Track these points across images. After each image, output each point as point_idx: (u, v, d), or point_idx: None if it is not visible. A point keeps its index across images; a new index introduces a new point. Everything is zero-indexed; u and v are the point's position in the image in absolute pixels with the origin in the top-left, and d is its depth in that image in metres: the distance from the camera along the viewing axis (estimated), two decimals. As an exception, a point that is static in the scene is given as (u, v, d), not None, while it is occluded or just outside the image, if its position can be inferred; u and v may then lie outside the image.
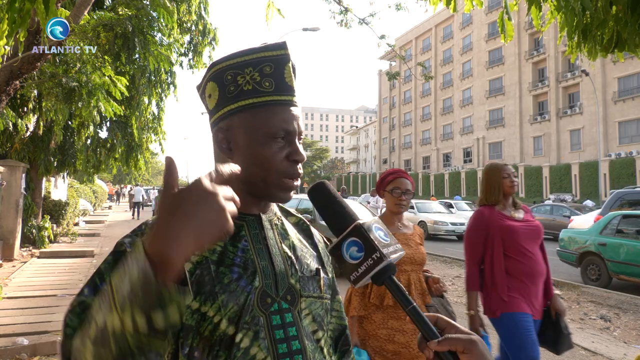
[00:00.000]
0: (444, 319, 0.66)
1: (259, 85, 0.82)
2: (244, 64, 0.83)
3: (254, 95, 0.82)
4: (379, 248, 0.66)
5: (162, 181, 0.58)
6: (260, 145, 0.82)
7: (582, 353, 4.85)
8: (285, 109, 0.83)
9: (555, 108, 40.03)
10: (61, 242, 11.75)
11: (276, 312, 0.80)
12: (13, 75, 4.92)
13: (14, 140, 8.80)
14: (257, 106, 0.82)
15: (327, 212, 0.76)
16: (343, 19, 8.47)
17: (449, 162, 52.97)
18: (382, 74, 66.90)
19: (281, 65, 0.84)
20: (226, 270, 0.78)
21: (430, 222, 16.45)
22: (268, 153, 0.81)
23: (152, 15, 7.48)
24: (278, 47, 0.85)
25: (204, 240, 0.56)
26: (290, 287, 0.83)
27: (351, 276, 0.67)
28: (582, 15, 2.73)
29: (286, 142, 0.83)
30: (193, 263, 0.77)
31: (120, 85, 6.44)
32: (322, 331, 0.87)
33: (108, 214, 24.89)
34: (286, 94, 0.84)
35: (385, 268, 0.66)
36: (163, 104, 10.59)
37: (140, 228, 0.81)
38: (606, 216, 8.71)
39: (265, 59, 0.83)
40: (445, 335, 0.63)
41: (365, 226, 0.69)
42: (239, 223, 0.84)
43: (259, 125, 0.82)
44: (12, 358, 3.99)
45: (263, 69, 0.83)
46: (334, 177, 72.73)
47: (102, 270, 0.74)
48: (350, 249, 0.68)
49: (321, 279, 0.90)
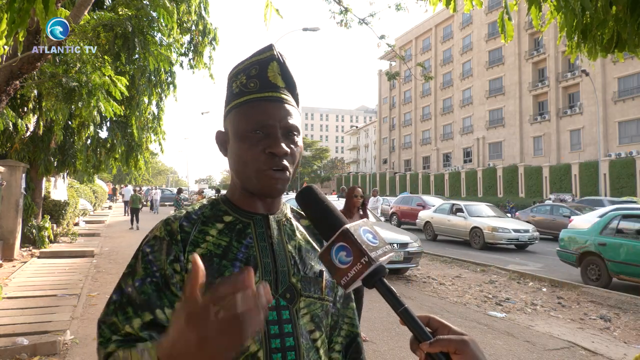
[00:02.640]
0: (436, 320, 0.66)
1: (245, 87, 0.87)
2: (239, 72, 0.89)
3: (240, 96, 0.87)
4: (367, 252, 0.66)
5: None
6: (240, 141, 0.85)
7: (582, 353, 4.85)
8: (266, 104, 0.86)
9: (555, 108, 40.01)
10: (61, 242, 11.75)
11: (273, 308, 0.82)
12: (13, 75, 4.91)
13: (14, 140, 8.80)
14: (241, 105, 0.87)
15: (316, 216, 0.76)
16: (343, 19, 8.47)
17: (449, 162, 52.94)
18: (382, 74, 66.86)
19: (264, 66, 0.88)
20: (228, 264, 0.82)
21: (487, 229, 13.70)
22: (245, 147, 0.84)
23: (152, 15, 7.48)
24: (264, 50, 0.90)
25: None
26: (290, 285, 0.85)
27: (341, 281, 0.67)
28: (582, 16, 2.73)
29: (264, 135, 0.84)
30: (198, 255, 0.79)
31: (120, 85, 6.43)
32: (319, 332, 0.88)
33: (108, 214, 24.88)
34: (269, 91, 0.87)
35: (374, 271, 0.66)
36: (163, 104, 10.59)
37: (156, 225, 0.87)
38: (606, 216, 8.70)
39: (253, 62, 0.89)
40: (437, 337, 0.63)
41: (352, 230, 0.68)
42: (246, 221, 0.89)
43: (240, 122, 0.86)
44: (12, 358, 3.99)
45: (249, 72, 0.88)
46: (334, 177, 72.71)
47: (126, 275, 0.83)
48: (339, 254, 0.67)
49: (324, 281, 0.91)
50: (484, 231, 13.74)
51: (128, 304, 0.78)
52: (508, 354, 4.73)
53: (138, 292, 0.79)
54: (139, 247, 0.85)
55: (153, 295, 0.78)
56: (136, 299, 0.78)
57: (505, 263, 10.95)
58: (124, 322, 0.77)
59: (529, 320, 6.08)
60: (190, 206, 0.92)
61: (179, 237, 0.83)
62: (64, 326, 4.76)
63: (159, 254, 0.82)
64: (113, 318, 0.77)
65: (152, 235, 0.85)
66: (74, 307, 5.61)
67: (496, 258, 12.04)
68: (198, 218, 0.87)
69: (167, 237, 0.83)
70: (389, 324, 5.58)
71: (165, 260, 0.81)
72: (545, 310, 6.66)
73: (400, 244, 8.23)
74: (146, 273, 0.80)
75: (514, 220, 15.46)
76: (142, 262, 0.82)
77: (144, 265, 0.81)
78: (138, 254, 0.84)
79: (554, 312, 6.61)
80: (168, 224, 0.85)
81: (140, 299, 0.78)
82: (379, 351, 4.66)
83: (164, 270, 0.80)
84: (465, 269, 10.12)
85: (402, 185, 53.74)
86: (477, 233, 14.08)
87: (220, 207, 0.91)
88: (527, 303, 7.08)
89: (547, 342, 5.18)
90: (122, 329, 0.76)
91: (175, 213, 0.89)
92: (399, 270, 8.84)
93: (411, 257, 8.39)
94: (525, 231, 13.67)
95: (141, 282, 0.80)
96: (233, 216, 0.89)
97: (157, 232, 0.85)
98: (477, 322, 5.89)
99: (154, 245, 0.83)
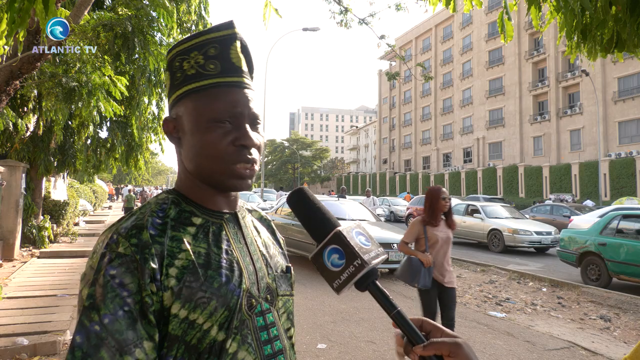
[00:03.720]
0: (429, 322, 0.66)
1: (203, 68, 0.77)
2: (190, 49, 0.79)
3: (198, 79, 0.77)
4: (359, 255, 0.65)
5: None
6: (204, 132, 0.76)
7: (582, 353, 4.85)
8: (232, 91, 0.77)
9: (555, 108, 40.01)
10: (61, 242, 11.75)
11: (259, 313, 0.78)
12: (13, 75, 4.92)
13: (14, 140, 8.80)
14: (200, 90, 0.77)
15: (307, 219, 0.74)
16: (343, 19, 8.47)
17: (449, 162, 52.95)
18: (382, 74, 66.86)
19: (227, 46, 0.79)
20: (215, 274, 0.73)
21: (507, 231, 13.05)
22: (211, 138, 0.75)
23: (152, 15, 7.48)
24: (224, 27, 0.80)
25: None
26: (267, 286, 0.81)
27: (334, 284, 0.66)
28: (582, 16, 2.73)
29: (233, 127, 0.77)
30: (179, 268, 0.70)
31: (120, 85, 6.44)
32: (293, 328, 0.88)
33: (108, 214, 24.88)
34: (233, 75, 0.78)
35: (367, 274, 0.66)
36: (163, 104, 10.59)
37: (113, 238, 0.70)
38: (606, 216, 8.70)
39: (210, 40, 0.78)
40: (431, 340, 0.63)
41: (345, 232, 0.67)
42: (218, 222, 0.80)
43: (202, 110, 0.76)
44: (12, 358, 3.99)
45: (207, 51, 0.78)
46: (334, 177, 72.71)
47: (87, 308, 0.65)
48: (331, 257, 0.66)
49: (292, 276, 0.90)
50: (504, 233, 13.11)
51: (98, 347, 0.62)
52: (508, 354, 4.73)
53: (109, 331, 0.63)
54: (98, 270, 0.67)
55: (129, 333, 0.64)
56: (108, 341, 0.63)
57: (505, 263, 10.95)
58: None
59: (529, 320, 6.08)
60: (145, 206, 0.77)
61: (153, 251, 0.69)
62: (64, 326, 4.76)
63: (131, 276, 0.66)
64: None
65: (114, 253, 0.68)
66: (74, 307, 5.60)
67: (496, 258, 12.04)
68: (164, 223, 0.74)
69: (137, 254, 0.67)
70: (389, 324, 5.58)
71: (139, 284, 0.66)
72: (545, 310, 6.66)
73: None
74: (115, 304, 0.64)
75: (534, 221, 14.77)
76: (108, 290, 0.65)
77: (111, 294, 0.65)
78: (98, 279, 0.66)
79: (554, 312, 6.61)
80: (132, 235, 0.69)
81: (114, 340, 0.63)
82: (379, 351, 4.66)
83: (139, 296, 0.66)
84: (465, 269, 10.12)
85: (402, 185, 53.75)
86: (496, 235, 13.47)
87: (184, 207, 0.78)
88: (527, 303, 7.08)
89: (547, 342, 5.19)
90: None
91: (132, 219, 0.73)
92: (399, 270, 8.83)
93: (411, 257, 8.37)
94: (547, 233, 13.05)
95: (111, 318, 0.64)
96: (202, 217, 0.78)
97: (120, 249, 0.68)
98: (477, 322, 5.89)
99: (120, 266, 0.66)
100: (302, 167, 72.99)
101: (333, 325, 5.48)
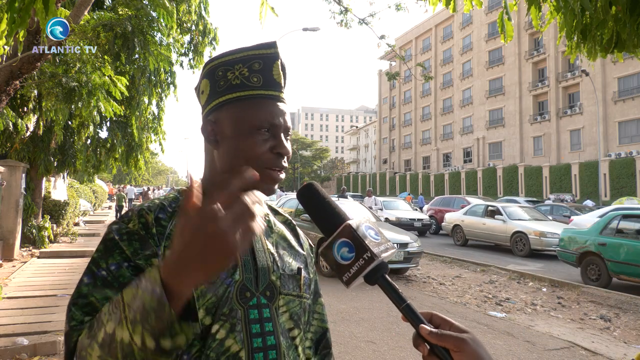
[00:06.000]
0: (439, 316, 0.66)
1: (247, 80, 0.84)
2: (235, 61, 0.86)
3: (242, 89, 0.84)
4: (369, 248, 0.65)
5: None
6: (245, 137, 0.82)
7: (582, 353, 4.86)
8: (272, 103, 0.85)
9: (555, 108, 40.02)
10: (61, 242, 11.75)
11: (254, 306, 0.81)
12: (13, 75, 4.92)
13: (14, 140, 8.80)
14: (244, 99, 0.84)
15: (317, 213, 0.75)
16: (343, 19, 8.48)
17: (449, 162, 52.95)
18: (382, 74, 66.87)
19: (270, 63, 0.86)
20: None
21: (534, 234, 12.21)
22: (251, 144, 0.82)
23: (152, 15, 7.48)
24: (268, 46, 0.87)
25: (212, 271, 0.56)
26: (270, 283, 0.84)
27: (343, 277, 0.66)
28: (582, 16, 2.73)
29: (271, 135, 0.84)
30: None
31: (120, 85, 6.44)
32: (298, 330, 0.88)
33: (108, 214, 24.88)
34: (273, 90, 0.86)
35: (376, 268, 0.66)
36: (163, 104, 10.60)
37: (127, 215, 0.81)
38: (606, 216, 8.71)
39: (255, 56, 0.86)
40: (438, 330, 0.63)
41: (355, 226, 0.68)
42: None
43: (245, 118, 0.83)
44: (12, 358, 3.99)
45: (252, 66, 0.85)
46: (334, 177, 72.70)
47: (96, 259, 0.75)
48: (341, 250, 0.67)
49: (302, 278, 0.91)
50: (530, 236, 12.28)
51: (104, 286, 0.72)
52: (508, 354, 4.73)
53: (115, 275, 0.73)
54: (107, 235, 0.78)
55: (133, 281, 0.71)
56: (113, 282, 0.72)
57: (505, 263, 10.95)
58: (104, 300, 0.71)
59: (529, 320, 6.08)
60: (163, 197, 0.87)
61: (154, 231, 0.78)
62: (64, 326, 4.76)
63: (136, 244, 0.77)
64: (89, 298, 0.71)
65: (124, 227, 0.78)
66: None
67: (496, 258, 12.05)
68: (173, 211, 0.83)
69: (141, 231, 0.78)
70: (389, 324, 5.59)
71: (141, 254, 0.76)
72: (545, 310, 6.66)
73: (400, 244, 8.22)
74: (123, 258, 0.75)
75: (559, 223, 13.80)
76: (117, 248, 0.76)
77: (119, 250, 0.75)
78: (107, 241, 0.77)
79: (554, 312, 6.61)
80: (142, 215, 0.80)
81: (119, 282, 0.72)
82: (379, 351, 4.66)
83: (141, 261, 0.75)
84: (465, 269, 10.12)
85: (402, 185, 53.75)
86: (520, 238, 12.66)
87: None
88: (527, 303, 7.08)
89: (547, 342, 5.19)
90: (100, 309, 0.70)
91: (148, 203, 0.83)
92: (399, 270, 8.84)
93: (411, 257, 8.39)
94: None
95: (117, 266, 0.74)
96: None
97: (131, 225, 0.78)
98: (477, 322, 5.89)
99: (128, 234, 0.77)
100: (302, 167, 73.00)
101: (333, 325, 5.48)
